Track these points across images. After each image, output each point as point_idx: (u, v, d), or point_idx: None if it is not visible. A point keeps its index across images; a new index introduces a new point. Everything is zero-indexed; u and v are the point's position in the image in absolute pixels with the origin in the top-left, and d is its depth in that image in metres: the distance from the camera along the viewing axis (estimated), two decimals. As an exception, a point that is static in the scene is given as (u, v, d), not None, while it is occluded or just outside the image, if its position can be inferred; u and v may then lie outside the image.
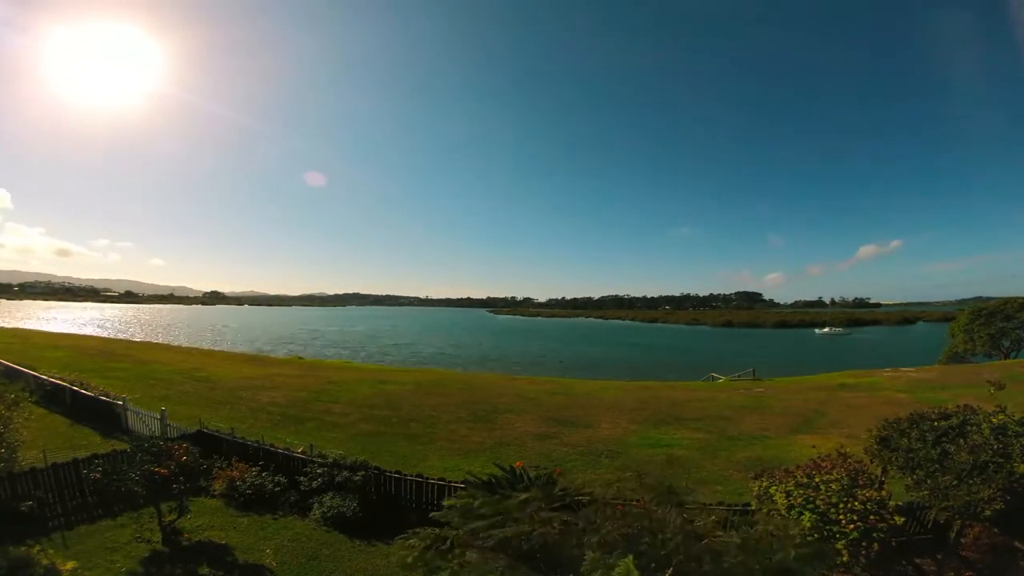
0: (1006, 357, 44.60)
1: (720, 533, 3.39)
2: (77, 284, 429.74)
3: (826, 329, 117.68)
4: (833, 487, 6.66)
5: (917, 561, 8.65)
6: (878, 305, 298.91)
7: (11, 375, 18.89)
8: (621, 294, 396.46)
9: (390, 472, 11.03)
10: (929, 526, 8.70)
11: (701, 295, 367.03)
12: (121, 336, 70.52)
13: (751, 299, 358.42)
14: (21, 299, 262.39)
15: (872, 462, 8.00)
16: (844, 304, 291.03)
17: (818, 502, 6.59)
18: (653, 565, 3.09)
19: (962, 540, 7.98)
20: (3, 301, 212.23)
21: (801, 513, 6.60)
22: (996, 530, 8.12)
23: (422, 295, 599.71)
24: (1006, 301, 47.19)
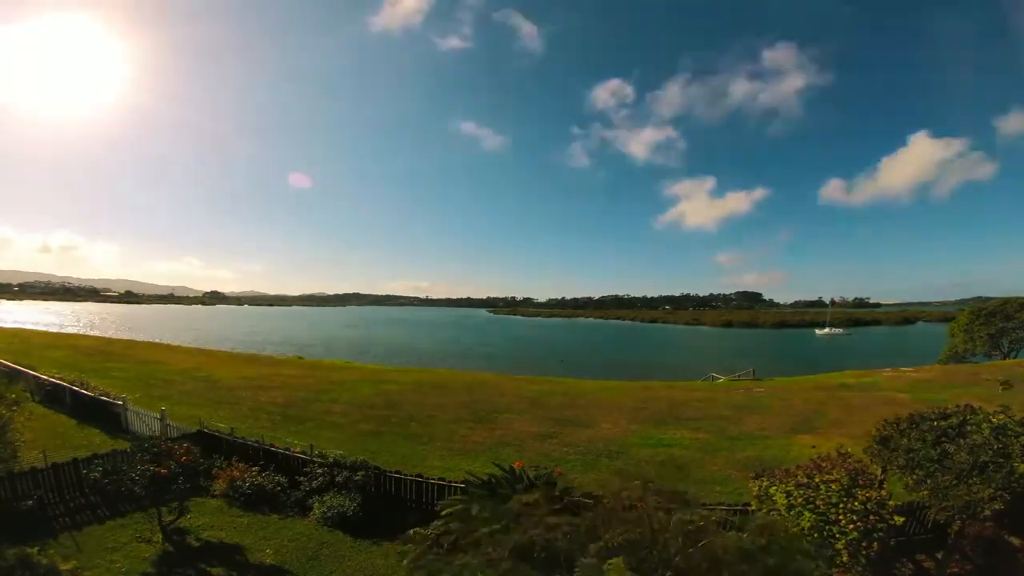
0: (1006, 357, 44.62)
1: (720, 533, 3.40)
2: (77, 284, 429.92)
3: (826, 329, 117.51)
4: (833, 487, 6.67)
5: (917, 559, 8.69)
6: (878, 305, 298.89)
7: (11, 375, 18.89)
8: (621, 294, 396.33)
9: (390, 472, 11.05)
10: (929, 525, 8.73)
11: (701, 295, 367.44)
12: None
13: (751, 299, 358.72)
14: (21, 299, 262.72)
15: (872, 462, 8.01)
16: (844, 304, 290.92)
17: (818, 502, 6.60)
18: (657, 571, 3.10)
19: (962, 539, 8.00)
20: (3, 301, 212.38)
21: (801, 513, 6.62)
22: (995, 527, 8.14)
23: (422, 295, 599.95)
24: (1006, 301, 47.19)
